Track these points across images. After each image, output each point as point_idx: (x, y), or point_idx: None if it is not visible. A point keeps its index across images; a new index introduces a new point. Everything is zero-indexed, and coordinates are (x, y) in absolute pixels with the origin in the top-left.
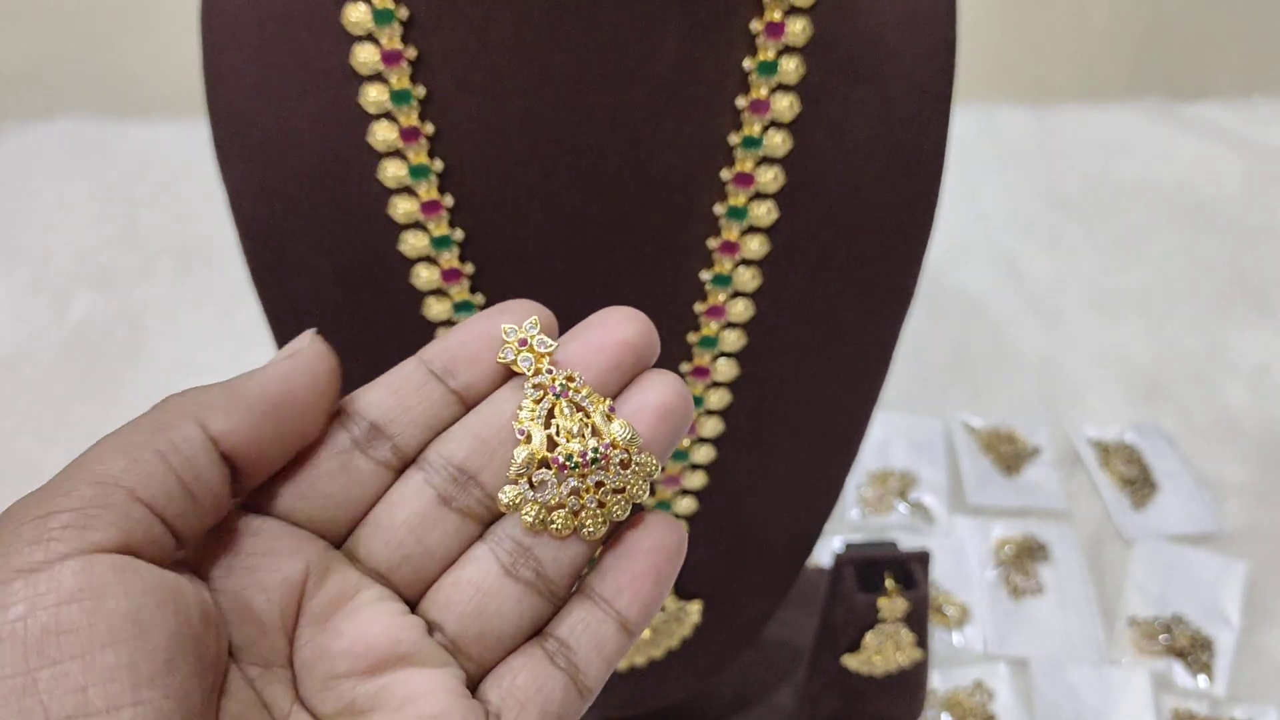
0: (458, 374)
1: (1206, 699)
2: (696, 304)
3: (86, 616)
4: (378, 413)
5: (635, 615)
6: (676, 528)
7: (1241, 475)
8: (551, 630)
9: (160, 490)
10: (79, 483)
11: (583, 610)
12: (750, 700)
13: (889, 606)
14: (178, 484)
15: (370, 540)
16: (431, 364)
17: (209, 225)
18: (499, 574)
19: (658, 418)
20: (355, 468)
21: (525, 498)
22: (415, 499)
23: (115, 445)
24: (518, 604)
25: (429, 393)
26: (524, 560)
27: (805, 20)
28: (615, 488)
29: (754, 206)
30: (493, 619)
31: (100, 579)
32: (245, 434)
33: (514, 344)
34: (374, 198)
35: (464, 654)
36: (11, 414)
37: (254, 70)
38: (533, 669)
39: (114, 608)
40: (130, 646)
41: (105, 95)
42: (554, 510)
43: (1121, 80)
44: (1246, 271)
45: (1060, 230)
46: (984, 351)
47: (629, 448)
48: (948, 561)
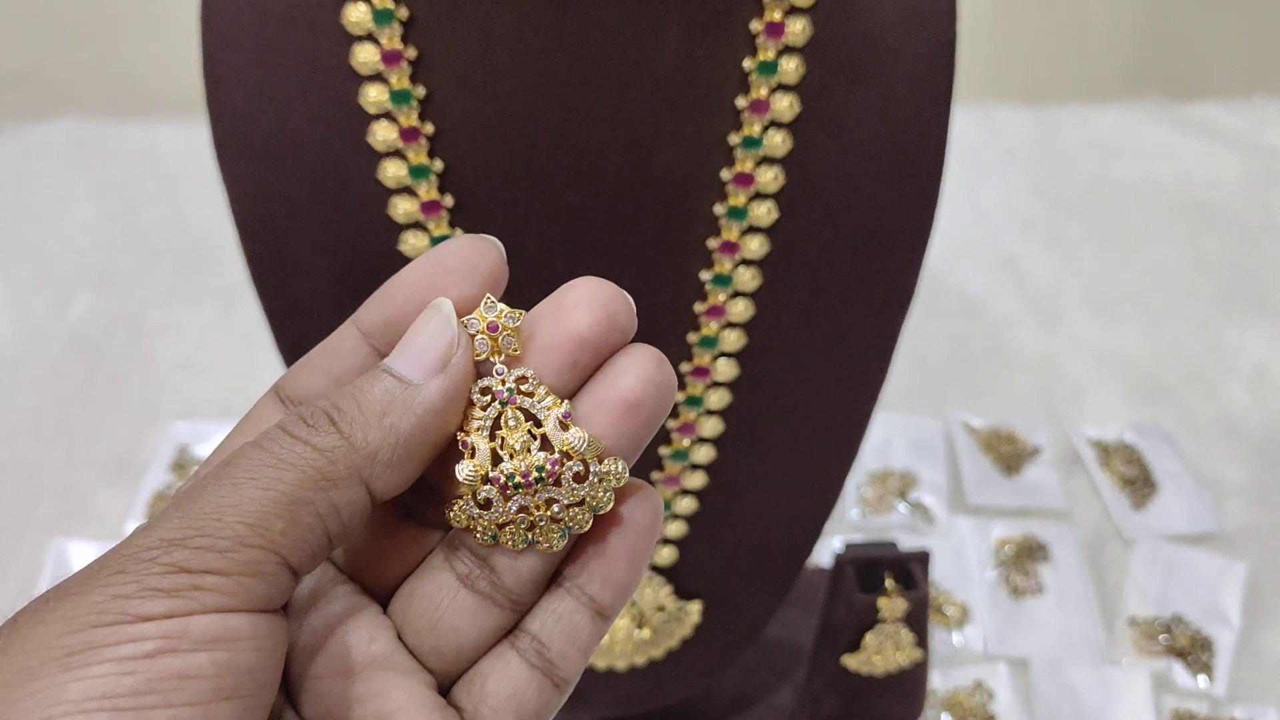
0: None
1: (1206, 699)
2: (696, 304)
3: (216, 668)
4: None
5: (609, 600)
6: (654, 500)
7: (1241, 475)
8: (524, 626)
9: (310, 555)
10: (233, 540)
11: (554, 601)
12: (750, 700)
13: (889, 606)
14: (327, 545)
15: None
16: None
17: (209, 225)
18: (454, 586)
19: (624, 412)
20: None
21: (472, 516)
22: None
23: (273, 496)
24: (473, 617)
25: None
26: (480, 572)
27: (805, 20)
28: (573, 502)
29: (754, 206)
30: (447, 633)
31: (236, 631)
32: (406, 482)
33: (484, 330)
34: (374, 198)
35: (426, 664)
36: (11, 414)
37: (254, 70)
38: (504, 671)
39: (243, 663)
40: (246, 703)
41: (105, 95)
42: (504, 527)
43: (1121, 80)
44: (1246, 271)
45: (1060, 230)
46: (984, 351)
47: (586, 458)
48: (948, 561)
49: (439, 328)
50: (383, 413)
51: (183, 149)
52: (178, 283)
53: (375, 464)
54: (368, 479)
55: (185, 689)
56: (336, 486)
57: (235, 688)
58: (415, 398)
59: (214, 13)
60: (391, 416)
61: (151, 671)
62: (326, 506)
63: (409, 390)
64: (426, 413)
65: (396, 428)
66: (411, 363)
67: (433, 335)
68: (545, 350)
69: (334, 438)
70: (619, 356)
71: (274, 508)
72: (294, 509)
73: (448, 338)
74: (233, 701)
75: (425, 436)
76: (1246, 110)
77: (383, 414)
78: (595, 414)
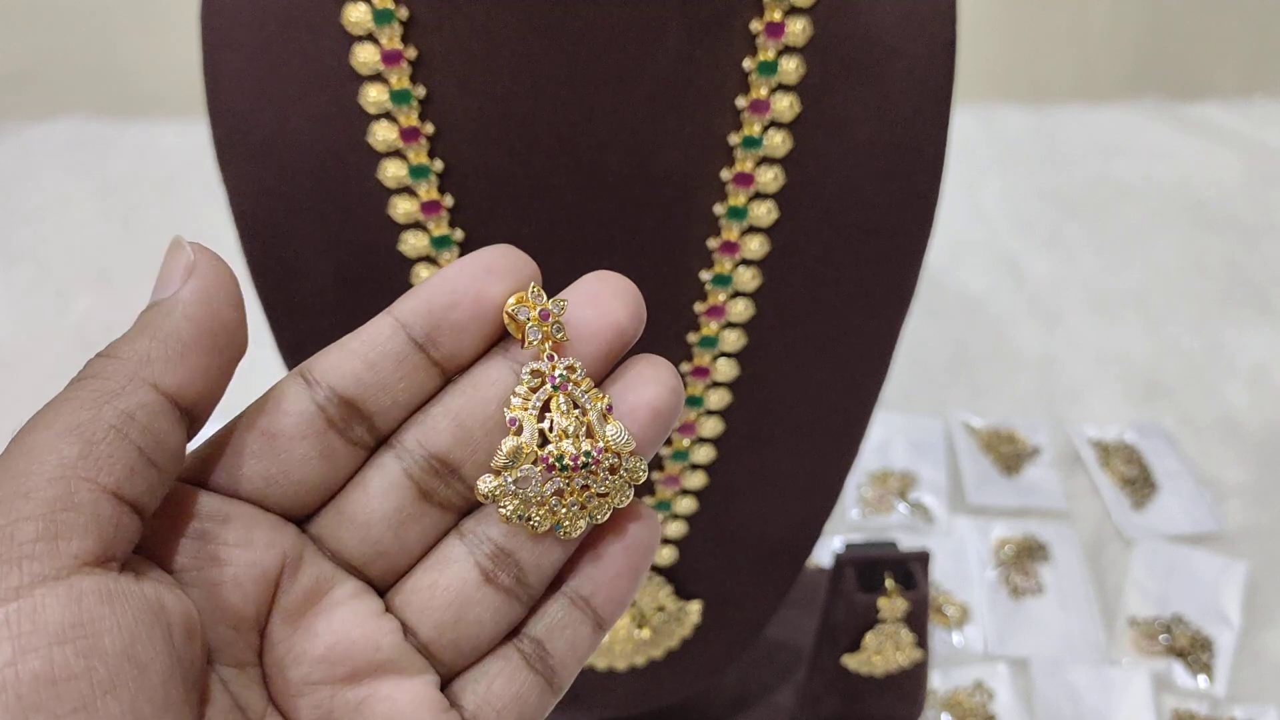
0: (440, 343)
1: (1206, 699)
2: (696, 304)
3: (83, 659)
4: (354, 389)
5: (609, 613)
6: (653, 520)
7: (1241, 475)
8: (527, 630)
9: (125, 472)
10: (36, 479)
11: (560, 610)
12: (750, 700)
13: (889, 606)
14: (140, 459)
15: (343, 531)
16: (411, 328)
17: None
18: (478, 580)
19: (651, 419)
20: (331, 450)
21: (506, 491)
22: (394, 492)
23: (62, 426)
24: (495, 611)
25: (410, 368)
26: (504, 565)
27: (805, 20)
28: (600, 492)
29: (754, 206)
30: (470, 627)
31: (90, 611)
32: (198, 380)
33: (535, 317)
34: (374, 198)
35: (436, 658)
36: (12, 414)
37: (254, 70)
38: (509, 674)
39: (110, 646)
40: (131, 689)
41: (105, 95)
42: (534, 507)
43: (1121, 80)
44: (1246, 271)
45: (1060, 230)
46: (984, 351)
47: (620, 453)
48: (948, 561)
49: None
50: (144, 327)
51: (183, 149)
52: None
53: (152, 364)
54: (150, 379)
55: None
56: (118, 396)
57: (111, 679)
58: (172, 303)
59: (214, 13)
60: (153, 325)
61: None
62: (116, 415)
63: (164, 301)
64: (186, 308)
65: (160, 328)
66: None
67: (171, 261)
68: (586, 339)
69: (102, 362)
70: (639, 365)
71: (60, 437)
72: (81, 429)
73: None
74: (115, 694)
75: (195, 329)
76: (1246, 110)
77: (145, 327)
78: (626, 420)
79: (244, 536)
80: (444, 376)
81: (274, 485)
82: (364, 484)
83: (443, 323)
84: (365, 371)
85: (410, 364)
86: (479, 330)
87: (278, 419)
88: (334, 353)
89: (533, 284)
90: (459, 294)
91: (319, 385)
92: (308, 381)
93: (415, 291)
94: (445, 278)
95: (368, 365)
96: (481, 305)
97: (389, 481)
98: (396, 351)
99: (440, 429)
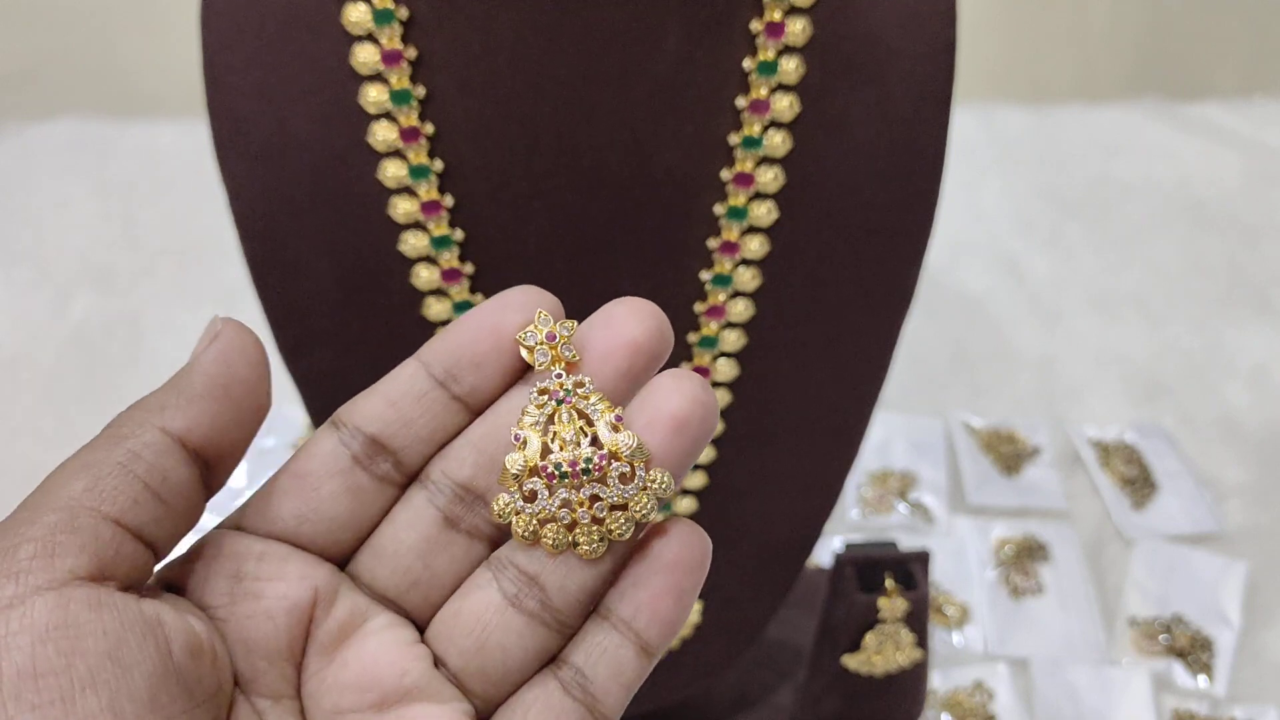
0: (461, 379)
1: (1206, 699)
2: (696, 304)
3: (64, 657)
4: (378, 426)
5: (655, 636)
6: (700, 538)
7: (1241, 475)
8: (566, 657)
9: (128, 502)
10: (43, 510)
11: (599, 634)
12: (750, 700)
13: (889, 606)
14: (145, 492)
15: (375, 565)
16: (432, 367)
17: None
18: (501, 605)
19: (673, 430)
20: (358, 486)
21: (516, 508)
22: (420, 521)
23: (75, 466)
24: (520, 637)
25: (430, 403)
26: (529, 590)
27: (805, 20)
28: (615, 504)
29: (754, 206)
30: (495, 652)
31: (76, 615)
32: (205, 424)
33: (543, 340)
34: (374, 198)
35: (469, 689)
36: (12, 414)
37: (254, 70)
38: (546, 702)
39: (92, 646)
40: (111, 687)
41: (105, 95)
42: (545, 524)
43: (1121, 80)
44: (1246, 271)
45: (1060, 230)
46: (984, 351)
47: (634, 461)
48: (948, 561)
49: (206, 329)
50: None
51: (183, 149)
52: (178, 283)
53: (163, 411)
54: (159, 423)
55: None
56: (128, 438)
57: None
58: (192, 362)
59: (214, 13)
60: (172, 382)
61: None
62: (123, 454)
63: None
64: (202, 364)
65: (176, 382)
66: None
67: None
68: (599, 359)
69: (124, 414)
70: (664, 377)
71: (72, 474)
72: (90, 466)
73: (212, 328)
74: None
75: (207, 381)
76: (1246, 110)
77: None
78: (645, 432)
79: (276, 571)
80: (469, 412)
81: (306, 523)
82: (392, 518)
83: (462, 358)
84: (387, 409)
85: (430, 399)
86: (499, 363)
87: (307, 461)
88: (360, 398)
89: (540, 310)
90: (477, 329)
91: (345, 426)
92: (335, 425)
93: (441, 334)
94: (468, 317)
95: (389, 404)
96: (499, 337)
97: (414, 512)
98: (417, 389)
99: (463, 458)
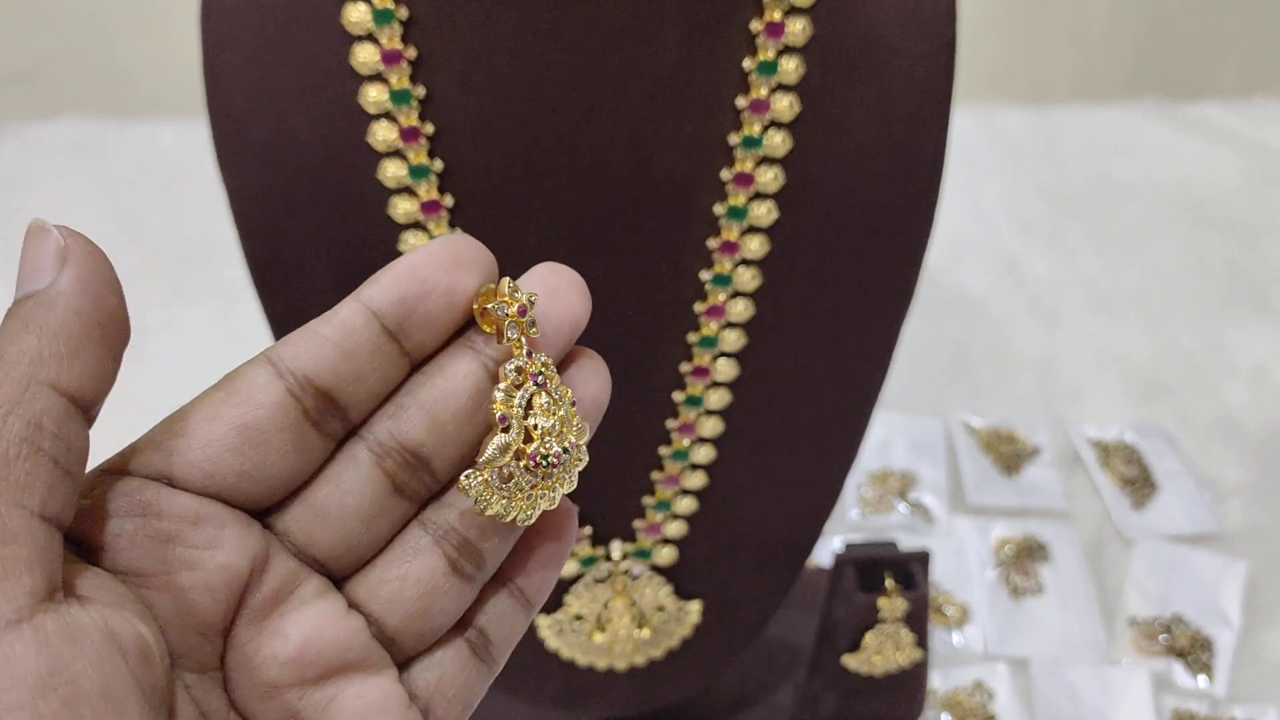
0: (411, 334)
1: (1206, 699)
2: (696, 304)
3: (69, 709)
4: (331, 380)
5: (537, 600)
6: (572, 508)
7: (1241, 475)
8: (471, 619)
9: (45, 490)
10: None
11: (501, 601)
12: (750, 700)
13: (889, 606)
14: (56, 471)
15: (314, 527)
16: (384, 318)
17: (209, 225)
18: (446, 571)
19: (595, 413)
20: (306, 444)
21: (491, 486)
22: (369, 486)
23: None
24: (457, 602)
25: (384, 357)
26: (469, 555)
27: (805, 20)
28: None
29: (754, 206)
30: (437, 618)
31: (62, 656)
32: (93, 374)
33: (514, 315)
34: (374, 198)
35: (397, 647)
36: None
37: (254, 70)
38: (459, 662)
39: (88, 689)
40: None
41: (105, 95)
42: (511, 500)
43: (1121, 80)
44: (1246, 271)
45: (1060, 230)
46: (984, 351)
47: (580, 445)
48: (948, 561)
49: (37, 240)
50: (26, 323)
51: (183, 149)
52: (178, 283)
53: (45, 364)
54: (47, 379)
55: None
56: (19, 404)
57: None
58: (51, 295)
59: (214, 13)
60: (36, 321)
61: None
62: (23, 426)
63: (41, 293)
64: (69, 299)
65: (45, 324)
66: (30, 279)
67: (36, 247)
68: (550, 334)
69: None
70: (582, 360)
71: None
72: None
73: (50, 241)
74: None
75: (82, 321)
76: (1246, 110)
77: (26, 324)
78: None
79: (214, 538)
80: (410, 366)
81: (246, 480)
82: (336, 478)
83: (415, 313)
84: (341, 362)
85: (384, 354)
86: (447, 321)
87: (252, 411)
88: (305, 340)
89: (506, 280)
90: (431, 285)
91: (290, 374)
92: (278, 370)
93: (383, 278)
94: (414, 266)
95: (344, 355)
96: (454, 298)
97: (363, 475)
98: (371, 341)
99: (414, 421)
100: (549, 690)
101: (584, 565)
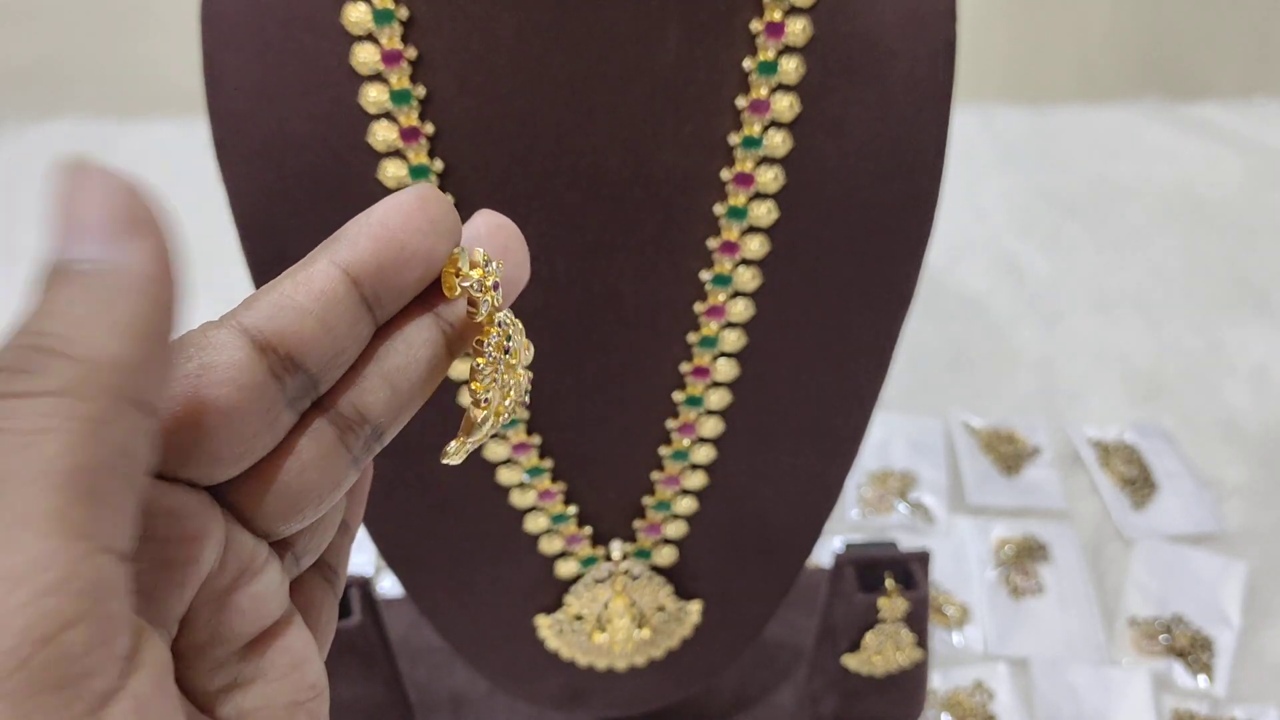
0: (385, 303)
1: (1206, 699)
2: (696, 304)
3: None
4: (314, 358)
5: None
6: None
7: (1241, 475)
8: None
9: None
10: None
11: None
12: (750, 700)
13: (889, 606)
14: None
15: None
16: (362, 286)
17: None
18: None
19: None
20: (281, 424)
21: (465, 449)
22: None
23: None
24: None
25: (361, 329)
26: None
27: (805, 20)
28: None
29: (754, 206)
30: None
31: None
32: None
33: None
34: (374, 198)
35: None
36: None
37: (254, 70)
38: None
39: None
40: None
41: (105, 95)
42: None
43: (1121, 80)
44: (1246, 271)
45: (1060, 230)
46: (984, 351)
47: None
48: (948, 561)
49: (101, 186)
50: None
51: (183, 149)
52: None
53: (124, 372)
54: (132, 395)
55: None
56: (104, 424)
57: None
58: (125, 273)
59: (214, 13)
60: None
61: None
62: (110, 452)
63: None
64: (148, 286)
65: (117, 315)
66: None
67: (102, 197)
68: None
69: (68, 365)
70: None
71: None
72: (78, 477)
73: (124, 191)
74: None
75: (164, 316)
76: (1246, 110)
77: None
78: None
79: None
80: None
81: (220, 465)
82: (298, 453)
83: (389, 282)
84: (323, 336)
85: (361, 326)
86: (417, 288)
87: (234, 393)
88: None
89: (480, 251)
90: (410, 251)
91: (273, 352)
92: (259, 348)
93: (359, 240)
94: (391, 230)
95: (325, 329)
96: (431, 266)
97: (325, 449)
98: (350, 313)
99: (377, 394)
100: (549, 690)
101: (584, 565)
